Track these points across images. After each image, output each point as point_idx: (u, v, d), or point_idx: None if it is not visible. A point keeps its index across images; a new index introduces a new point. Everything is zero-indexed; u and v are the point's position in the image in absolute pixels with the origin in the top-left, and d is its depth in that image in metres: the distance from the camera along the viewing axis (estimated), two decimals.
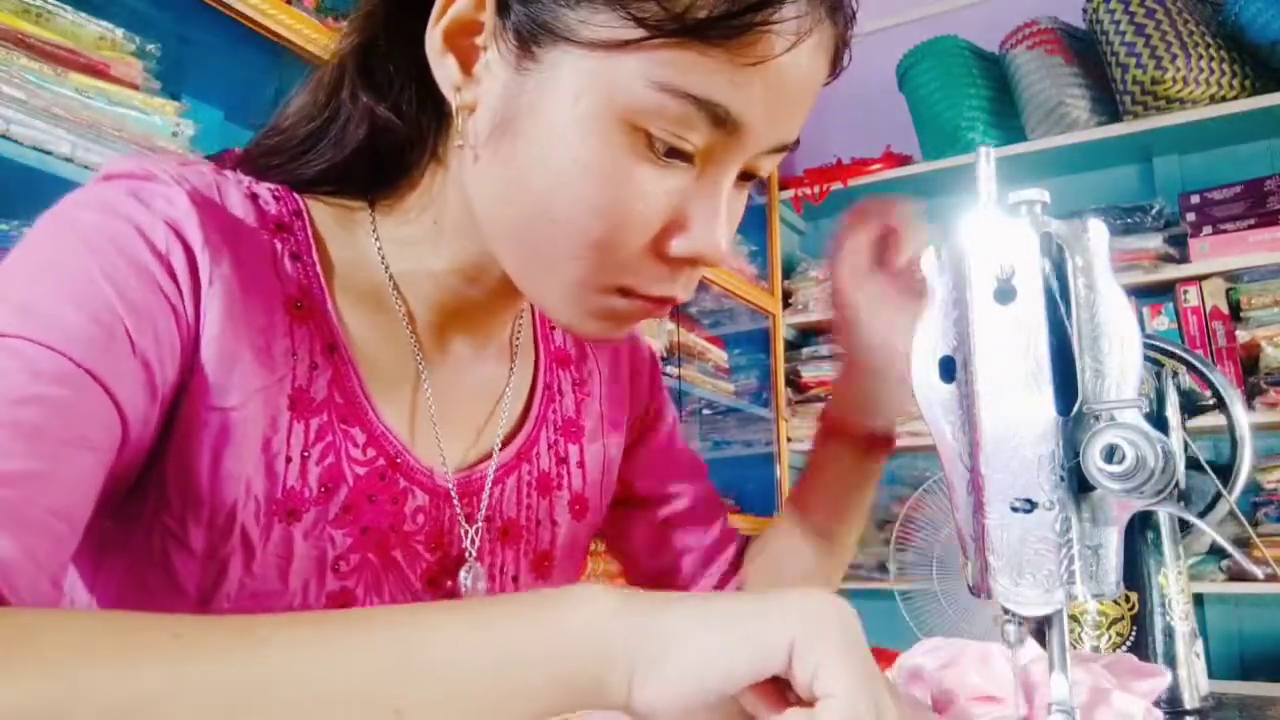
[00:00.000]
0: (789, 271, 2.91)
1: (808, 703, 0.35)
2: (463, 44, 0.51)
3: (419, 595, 0.58)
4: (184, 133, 1.30)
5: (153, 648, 0.33)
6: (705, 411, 2.63)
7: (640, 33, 0.45)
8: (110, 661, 0.32)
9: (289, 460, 0.53)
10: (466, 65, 0.51)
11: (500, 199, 0.52)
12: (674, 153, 0.48)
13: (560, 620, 0.36)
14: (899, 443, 0.76)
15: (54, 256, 0.47)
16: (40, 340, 0.43)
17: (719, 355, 2.62)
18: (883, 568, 2.56)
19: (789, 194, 2.93)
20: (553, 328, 0.72)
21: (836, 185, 2.84)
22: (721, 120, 0.47)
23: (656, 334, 2.28)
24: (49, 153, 1.14)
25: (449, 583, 0.59)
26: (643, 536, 0.79)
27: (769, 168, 0.53)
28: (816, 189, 2.87)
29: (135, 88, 1.27)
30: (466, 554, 0.60)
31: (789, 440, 2.75)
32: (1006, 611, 0.42)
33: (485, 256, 0.57)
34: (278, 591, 0.53)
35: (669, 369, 2.30)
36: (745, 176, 0.53)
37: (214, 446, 0.50)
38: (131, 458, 0.48)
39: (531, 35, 0.48)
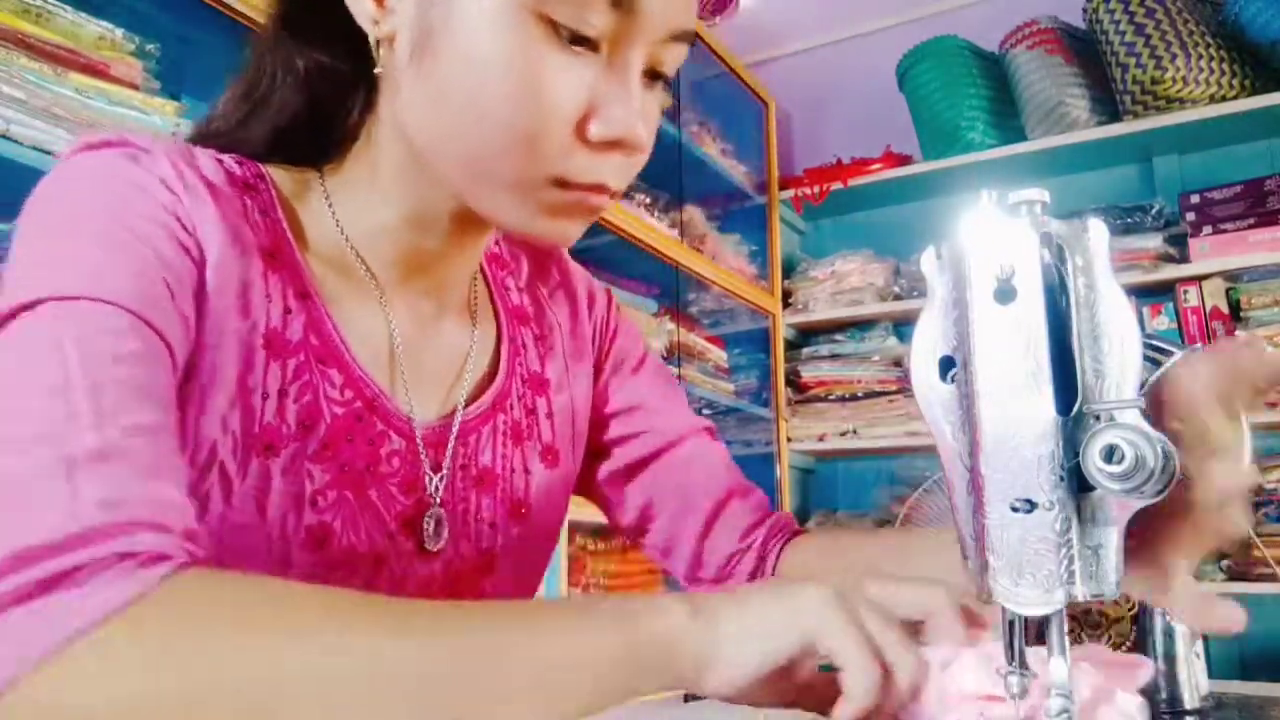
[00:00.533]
0: (789, 271, 2.91)
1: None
2: None
3: (394, 536, 0.61)
4: (184, 132, 1.30)
5: (361, 623, 0.39)
6: (705, 411, 2.63)
7: None
8: (320, 634, 0.38)
9: (265, 397, 0.55)
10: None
11: (430, 117, 0.55)
12: (579, 40, 0.52)
13: (646, 628, 0.44)
14: (898, 443, 0.76)
15: (87, 225, 0.49)
16: (110, 300, 0.46)
17: (719, 355, 2.62)
18: None
19: (789, 194, 2.93)
20: (507, 289, 0.74)
21: (836, 185, 2.84)
22: (617, 1, 0.51)
23: (656, 334, 2.28)
24: (49, 153, 1.15)
25: (420, 526, 0.62)
26: (649, 481, 0.77)
27: (673, 62, 0.57)
28: (816, 189, 2.87)
29: (135, 88, 1.27)
30: (431, 500, 0.63)
31: (789, 440, 2.75)
32: (1010, 660, 0.42)
33: (429, 201, 0.60)
34: (256, 524, 0.54)
35: (668, 368, 2.29)
36: (653, 76, 0.56)
37: (203, 384, 0.53)
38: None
39: None
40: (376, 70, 0.56)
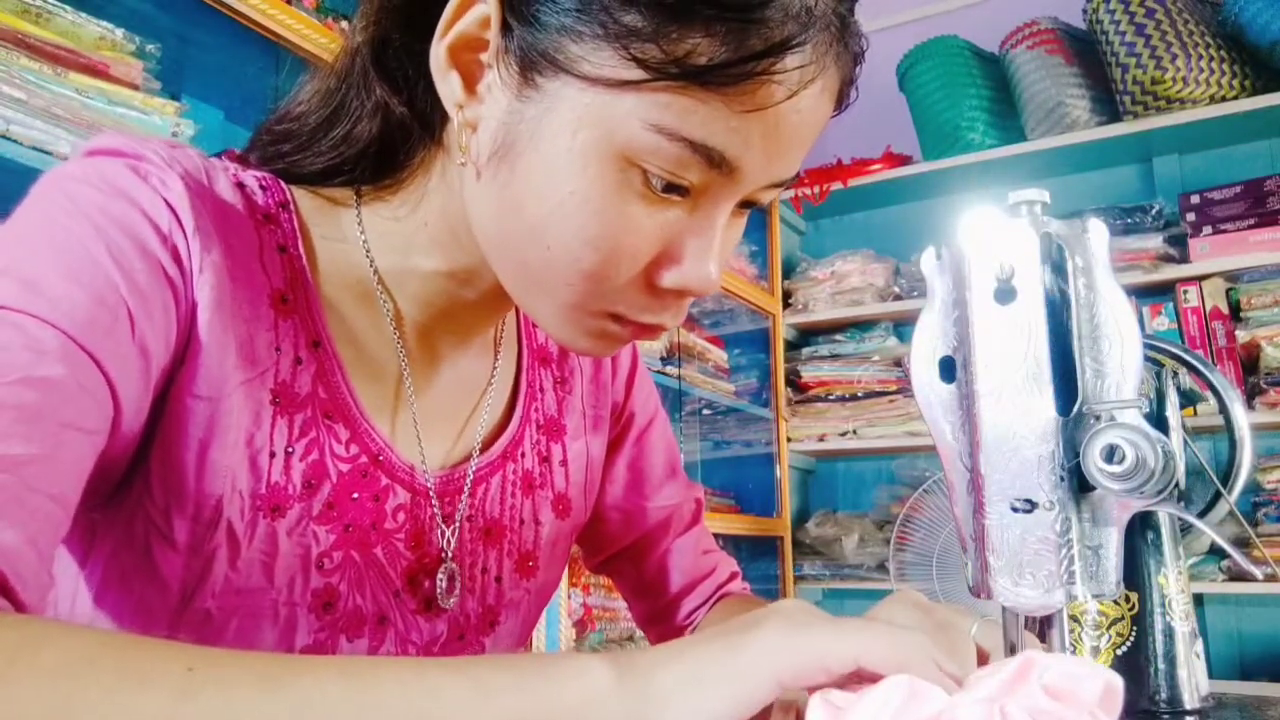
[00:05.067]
0: (789, 271, 2.91)
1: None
2: (467, 59, 0.51)
3: (400, 594, 0.58)
4: (184, 133, 1.30)
5: (160, 674, 0.33)
6: (705, 411, 2.63)
7: (640, 74, 0.45)
8: (111, 684, 0.32)
9: (273, 455, 0.52)
10: (470, 83, 0.51)
11: (496, 219, 0.52)
12: (670, 188, 0.48)
13: (558, 694, 0.37)
14: (898, 443, 0.76)
15: (58, 232, 0.46)
16: (44, 318, 0.42)
17: (719, 355, 2.62)
18: (882, 568, 2.55)
19: (789, 194, 2.93)
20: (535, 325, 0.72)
21: (836, 185, 2.84)
22: (717, 163, 0.47)
23: None
24: (49, 153, 1.15)
25: (427, 582, 0.59)
26: (621, 551, 0.79)
27: (769, 199, 0.53)
28: (816, 189, 2.87)
29: (135, 88, 1.27)
30: (443, 555, 0.60)
31: (789, 440, 2.75)
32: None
33: (477, 262, 0.57)
34: (263, 588, 0.52)
35: (669, 369, 2.30)
36: (745, 204, 0.53)
37: (201, 438, 0.50)
38: (123, 445, 0.48)
39: (533, 63, 0.48)
40: (460, 162, 0.52)
